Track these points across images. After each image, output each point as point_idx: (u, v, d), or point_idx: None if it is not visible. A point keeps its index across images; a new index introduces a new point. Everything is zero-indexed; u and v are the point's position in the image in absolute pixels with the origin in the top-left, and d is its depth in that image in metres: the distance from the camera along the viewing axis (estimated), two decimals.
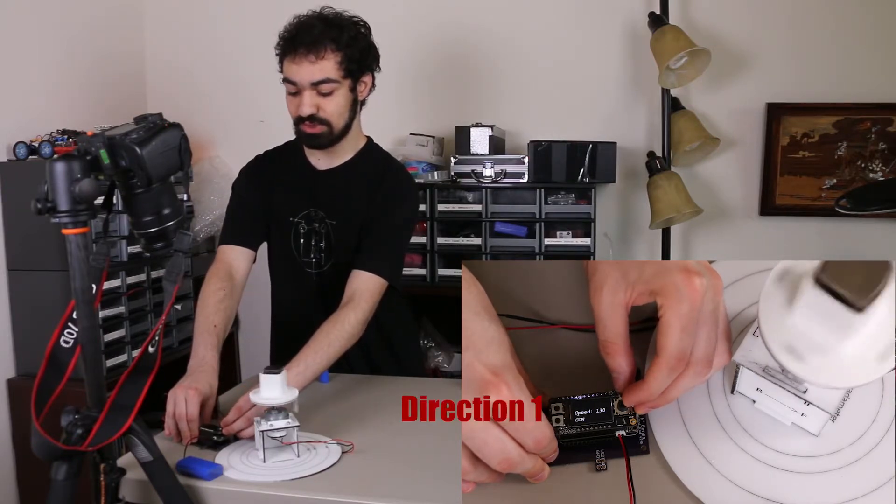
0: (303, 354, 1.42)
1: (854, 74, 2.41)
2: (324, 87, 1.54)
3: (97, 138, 1.00)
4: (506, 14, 2.63)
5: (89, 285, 1.01)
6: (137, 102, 2.86)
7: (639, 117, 2.58)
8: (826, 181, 2.45)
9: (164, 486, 1.08)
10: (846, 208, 1.96)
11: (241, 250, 1.66)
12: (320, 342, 1.45)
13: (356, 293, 1.54)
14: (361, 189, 1.67)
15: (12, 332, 2.26)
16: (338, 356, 1.48)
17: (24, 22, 2.33)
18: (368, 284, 1.56)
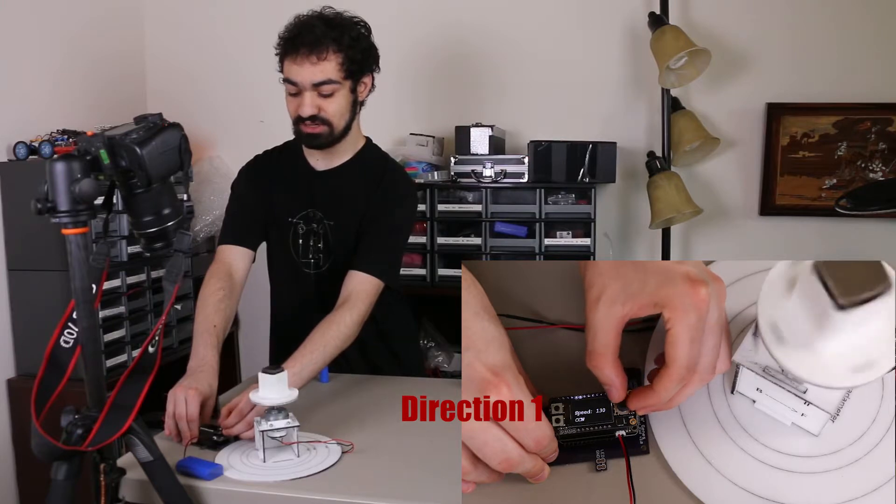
0: (298, 355, 1.42)
1: (854, 74, 2.41)
2: (325, 88, 1.54)
3: (97, 138, 1.00)
4: (506, 14, 2.63)
5: (89, 285, 1.01)
6: (137, 102, 2.86)
7: (639, 117, 2.58)
8: (826, 181, 2.45)
9: (164, 486, 1.08)
10: (846, 208, 1.96)
11: (240, 250, 1.66)
12: (316, 343, 1.45)
13: (352, 294, 1.54)
14: (360, 190, 1.67)
15: (12, 332, 2.26)
16: (333, 357, 1.48)
17: (24, 22, 2.33)
18: (364, 285, 1.56)
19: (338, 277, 1.62)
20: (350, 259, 1.62)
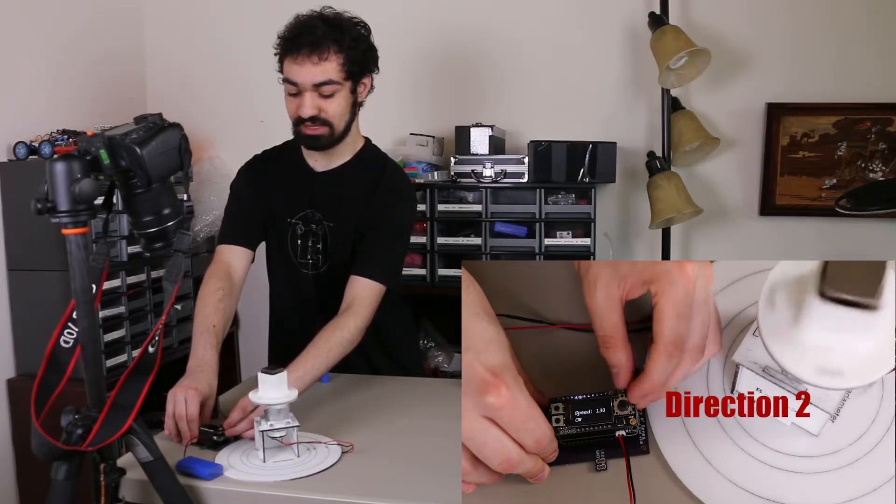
0: (302, 359, 1.42)
1: (854, 74, 2.41)
2: (326, 88, 1.54)
3: (97, 138, 1.00)
4: (506, 14, 2.63)
5: (89, 285, 1.01)
6: (137, 102, 2.86)
7: (639, 117, 2.58)
8: (826, 181, 2.45)
9: (164, 486, 1.08)
10: (846, 208, 1.96)
11: (239, 250, 1.66)
12: (320, 347, 1.45)
13: (355, 299, 1.54)
14: (359, 191, 1.66)
15: (12, 332, 2.26)
16: (336, 361, 1.48)
17: (24, 22, 2.33)
18: (367, 290, 1.56)
19: (336, 278, 1.62)
20: (349, 260, 1.62)
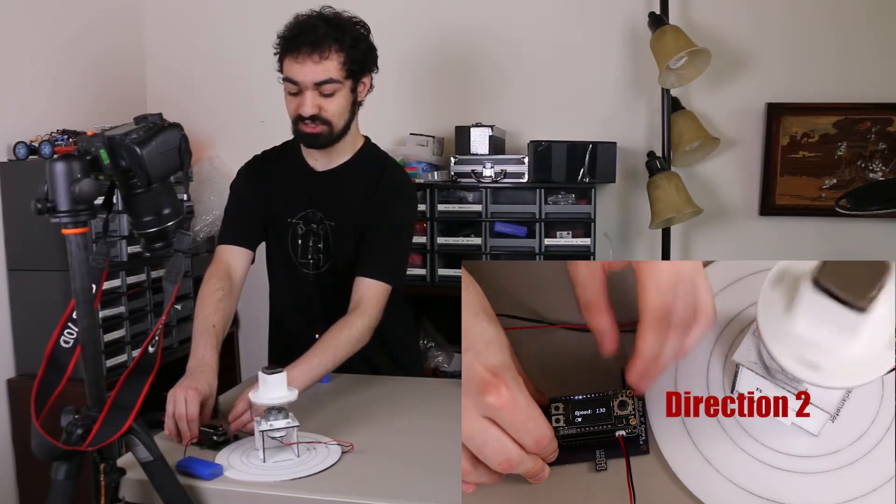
0: (310, 355, 1.43)
1: (854, 74, 2.41)
2: (326, 87, 1.54)
3: (97, 138, 1.00)
4: (506, 14, 2.63)
5: (89, 285, 1.01)
6: (137, 102, 2.86)
7: (639, 117, 2.58)
8: (826, 181, 2.45)
9: (164, 486, 1.08)
10: (846, 208, 1.96)
11: (239, 250, 1.66)
12: (327, 345, 1.46)
13: (362, 300, 1.55)
14: (359, 190, 1.66)
15: (12, 332, 2.26)
16: (343, 360, 1.49)
17: (24, 22, 2.33)
18: (374, 291, 1.57)
19: (337, 278, 1.62)
20: (350, 259, 1.62)
